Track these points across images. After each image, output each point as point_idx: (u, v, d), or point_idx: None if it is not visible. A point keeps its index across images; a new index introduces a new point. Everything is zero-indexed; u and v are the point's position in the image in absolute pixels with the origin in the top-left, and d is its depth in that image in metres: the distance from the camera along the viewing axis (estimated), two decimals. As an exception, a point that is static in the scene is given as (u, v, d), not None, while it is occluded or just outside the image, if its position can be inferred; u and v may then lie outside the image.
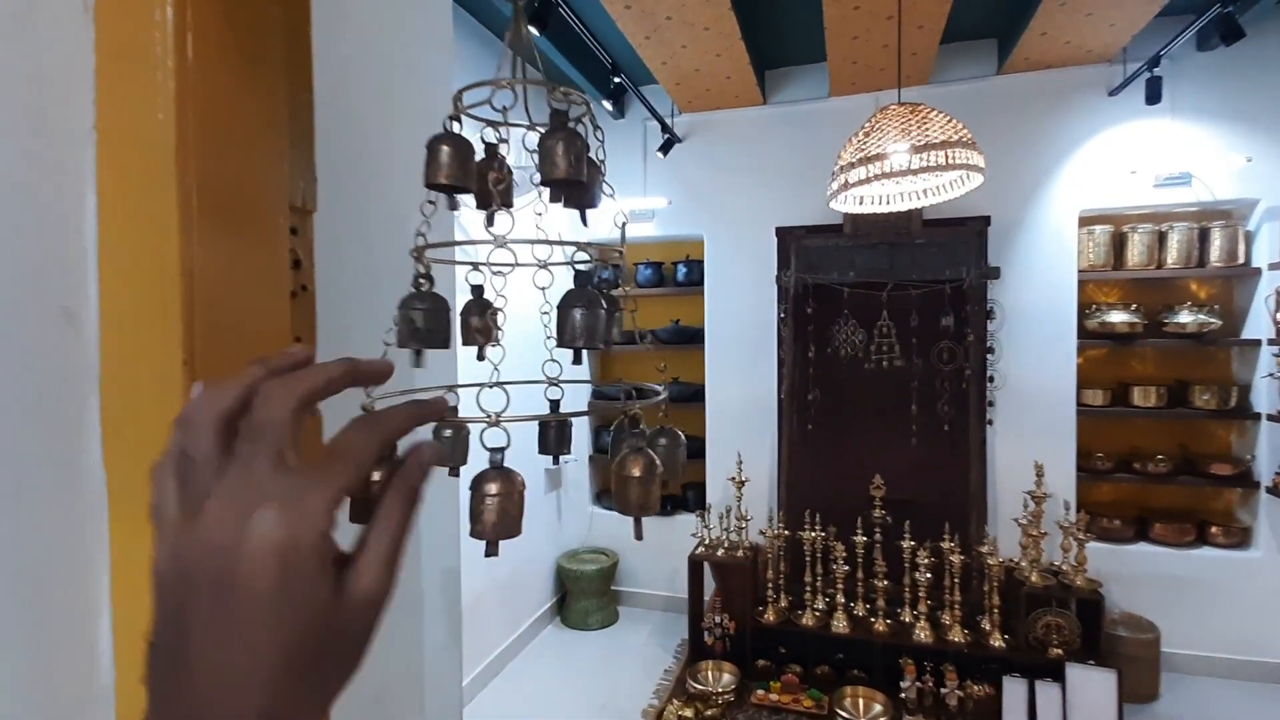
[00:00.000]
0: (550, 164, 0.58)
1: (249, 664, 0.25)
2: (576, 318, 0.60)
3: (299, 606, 0.26)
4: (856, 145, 2.09)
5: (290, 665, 0.26)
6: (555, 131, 0.58)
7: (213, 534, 0.26)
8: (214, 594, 0.25)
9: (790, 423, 3.47)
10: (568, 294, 0.61)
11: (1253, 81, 3.10)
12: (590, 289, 0.62)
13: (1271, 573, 3.13)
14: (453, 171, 0.55)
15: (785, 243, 3.56)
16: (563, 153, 0.58)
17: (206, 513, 0.26)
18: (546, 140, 0.58)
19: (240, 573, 0.25)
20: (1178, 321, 3.24)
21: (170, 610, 0.26)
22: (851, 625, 2.97)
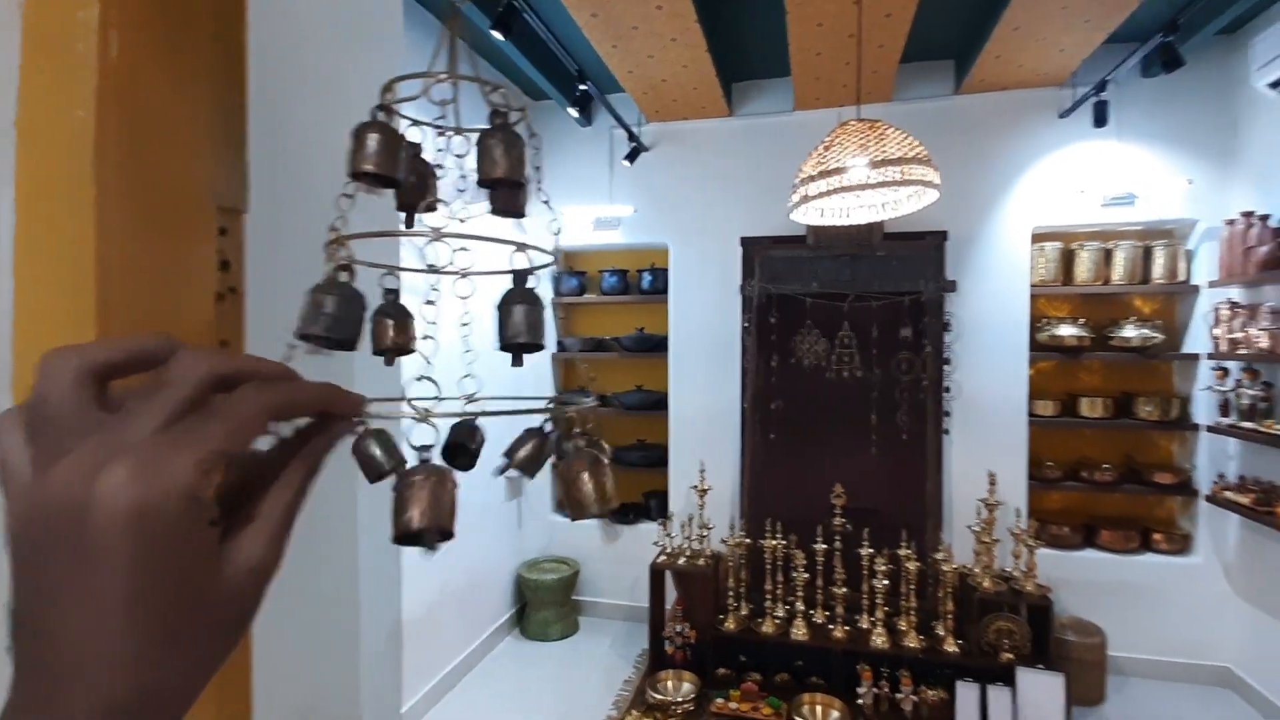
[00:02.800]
0: (489, 163, 0.57)
1: (112, 634, 0.23)
2: (518, 315, 0.59)
3: (162, 574, 0.24)
4: (817, 159, 2.13)
5: (159, 636, 0.24)
6: (495, 131, 0.58)
7: (58, 493, 0.23)
8: (69, 560, 0.23)
9: (753, 431, 3.51)
10: (509, 292, 0.60)
11: (1192, 108, 3.25)
12: (531, 289, 0.62)
13: (1210, 578, 3.25)
14: (380, 160, 0.54)
15: (750, 253, 3.60)
16: (503, 153, 0.57)
17: (56, 470, 0.24)
18: (486, 139, 0.57)
19: (92, 537, 0.23)
20: (1123, 336, 3.37)
21: (26, 576, 0.24)
22: (811, 632, 3.00)
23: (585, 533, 3.93)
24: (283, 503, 0.28)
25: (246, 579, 0.27)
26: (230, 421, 0.26)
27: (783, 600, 3.12)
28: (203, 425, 0.26)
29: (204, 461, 0.25)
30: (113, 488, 0.23)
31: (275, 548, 0.28)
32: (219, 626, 0.27)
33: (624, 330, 3.97)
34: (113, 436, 0.24)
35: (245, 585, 0.27)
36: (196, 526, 0.25)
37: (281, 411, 0.29)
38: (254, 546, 0.27)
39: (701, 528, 3.24)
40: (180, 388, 0.26)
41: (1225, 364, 3.11)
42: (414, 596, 2.85)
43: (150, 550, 0.24)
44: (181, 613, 0.25)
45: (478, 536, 3.37)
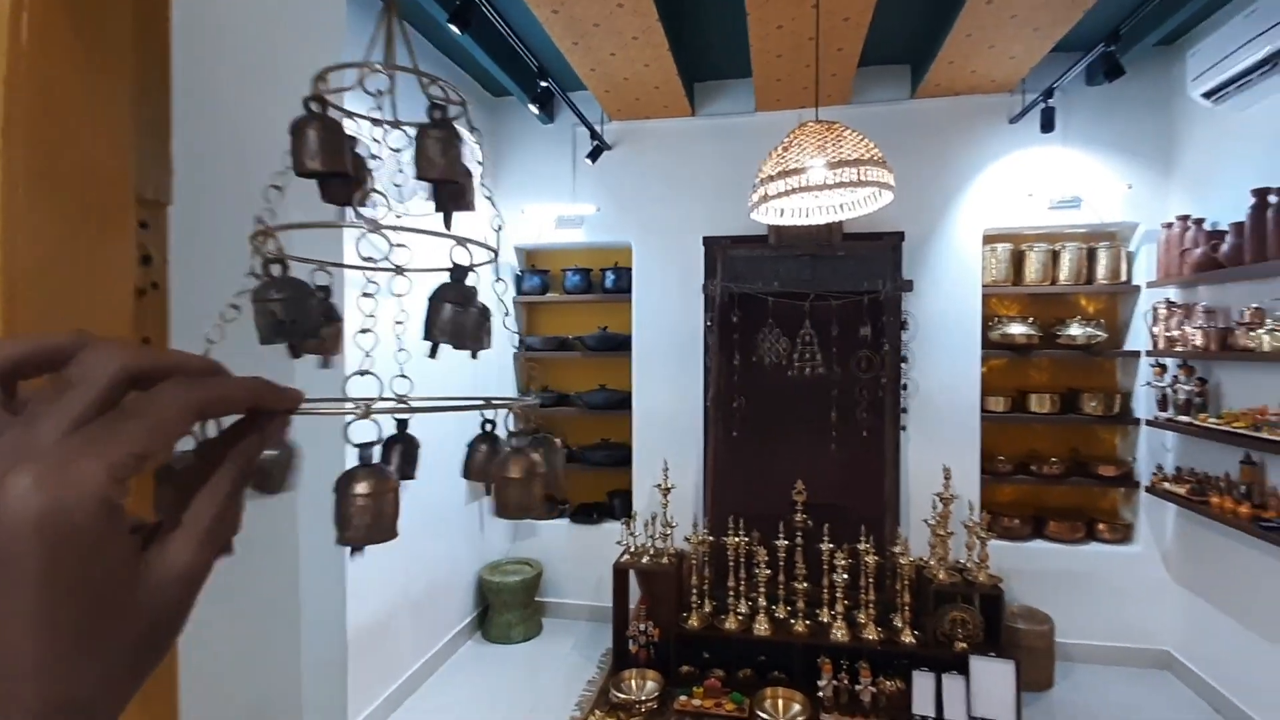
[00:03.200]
0: (426, 162, 0.56)
1: (27, 645, 0.22)
2: (446, 313, 0.58)
3: (76, 584, 0.23)
4: (776, 159, 2.15)
5: (74, 648, 0.23)
6: (433, 127, 0.56)
7: None
8: None
9: (716, 430, 3.53)
10: (441, 287, 0.59)
11: (1133, 116, 3.39)
12: (467, 286, 0.60)
13: (1150, 565, 3.40)
14: (325, 157, 0.52)
15: (712, 252, 3.63)
16: (440, 151, 0.56)
17: None
18: (424, 136, 0.56)
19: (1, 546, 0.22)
20: (1069, 334, 3.50)
21: None
22: (773, 628, 3.03)
23: (549, 533, 3.91)
24: (210, 507, 0.27)
25: (172, 588, 0.26)
26: (148, 421, 0.25)
27: (745, 596, 3.15)
28: (117, 426, 0.24)
29: (117, 466, 0.24)
30: (18, 496, 0.22)
31: (203, 555, 0.27)
32: (143, 637, 0.25)
33: (587, 329, 3.95)
34: (17, 441, 0.23)
35: (171, 594, 0.26)
36: (111, 534, 0.24)
37: (208, 409, 0.27)
38: (180, 553, 0.26)
39: (665, 526, 3.25)
40: (90, 387, 0.25)
41: (1163, 361, 3.25)
42: (371, 602, 2.79)
43: (61, 560, 0.23)
44: (99, 623, 0.24)
45: (438, 540, 3.32)
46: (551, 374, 4.20)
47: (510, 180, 3.93)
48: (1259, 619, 2.76)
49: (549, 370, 4.21)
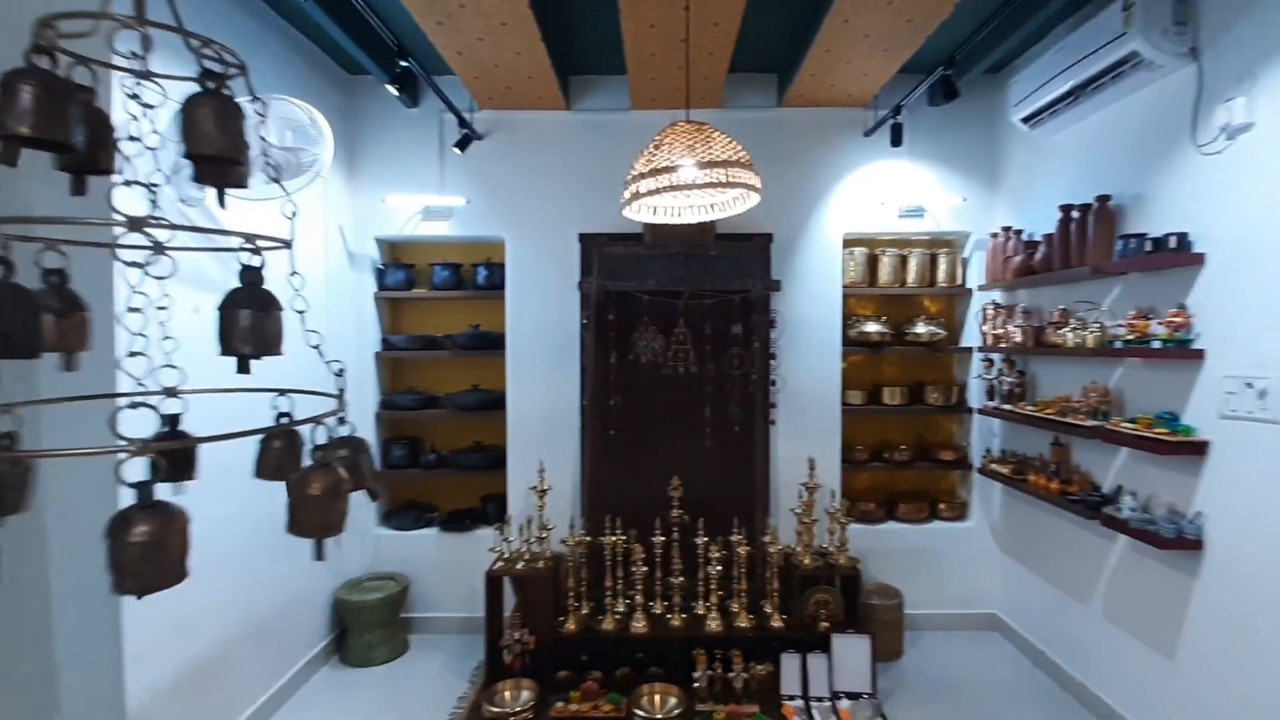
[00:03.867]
0: (198, 136, 0.46)
1: None
2: (243, 320, 0.49)
3: None
4: (648, 157, 2.14)
5: None
6: (205, 98, 0.46)
7: None
8: None
9: (593, 429, 3.50)
10: (233, 293, 0.49)
11: (966, 135, 3.76)
12: (262, 289, 0.51)
13: (981, 538, 3.80)
14: (41, 121, 0.41)
15: (588, 249, 3.58)
16: (216, 125, 0.46)
17: None
18: (195, 107, 0.46)
19: None
20: (916, 332, 3.82)
21: None
22: (650, 624, 3.05)
23: (416, 545, 3.68)
24: None
25: None
26: None
27: (623, 595, 3.14)
28: None
29: None
30: None
31: None
32: None
33: (458, 327, 3.77)
34: None
35: None
36: None
37: None
38: None
39: (541, 529, 3.17)
40: None
41: (991, 356, 3.63)
42: (205, 634, 2.48)
43: None
44: None
45: (286, 559, 3.01)
46: (419, 375, 3.96)
47: (369, 167, 3.65)
48: (1067, 580, 3.16)
49: (416, 371, 3.97)
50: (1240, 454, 2.24)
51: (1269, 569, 2.14)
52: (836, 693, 2.96)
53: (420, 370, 3.94)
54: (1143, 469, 2.68)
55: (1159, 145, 2.61)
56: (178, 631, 2.35)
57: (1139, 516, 2.56)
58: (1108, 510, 2.69)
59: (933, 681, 3.24)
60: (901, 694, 3.12)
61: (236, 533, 2.59)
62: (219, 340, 0.46)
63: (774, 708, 2.86)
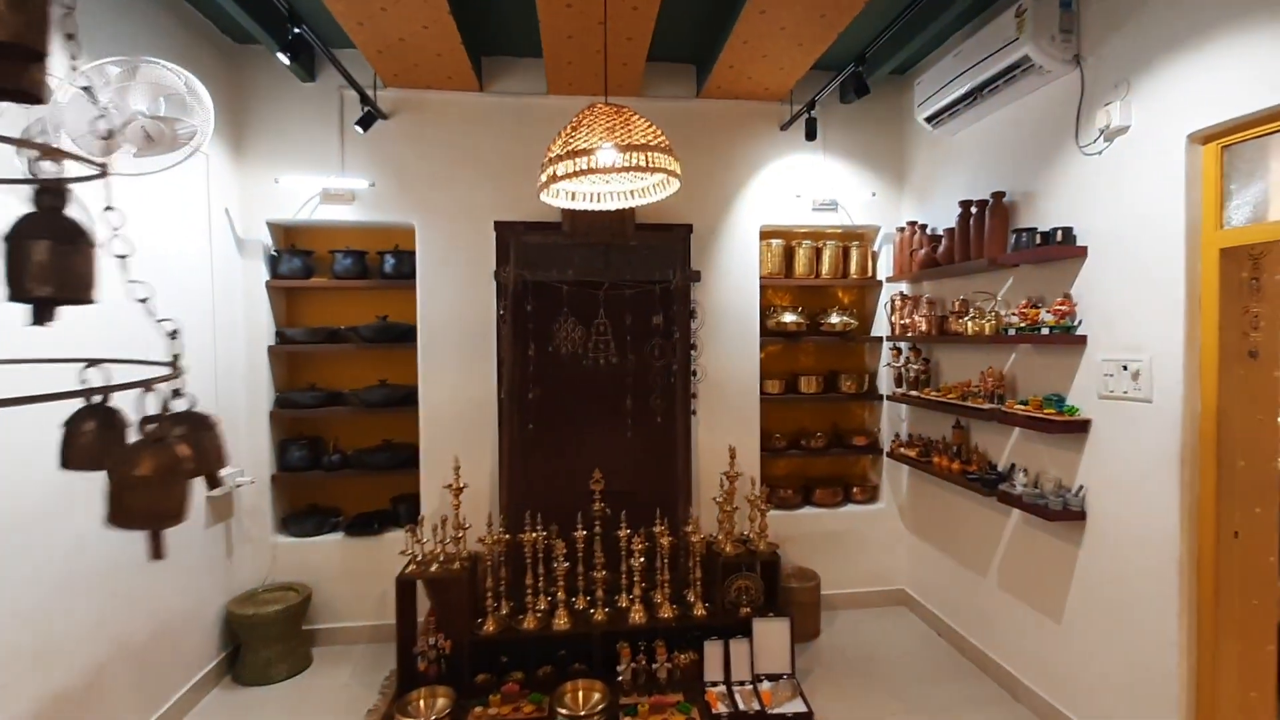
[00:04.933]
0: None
1: None
2: (40, 254, 0.39)
3: None
4: (565, 139, 2.06)
5: None
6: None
7: None
8: None
9: (511, 423, 3.38)
10: (26, 220, 0.39)
11: (876, 133, 3.89)
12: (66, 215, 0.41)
13: (891, 519, 3.98)
14: None
15: (504, 238, 3.45)
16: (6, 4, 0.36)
17: None
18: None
19: None
20: (830, 322, 3.93)
21: None
22: (572, 620, 2.99)
23: (319, 551, 3.43)
24: None
25: None
26: None
27: (545, 592, 3.06)
28: None
29: None
30: None
31: None
32: None
33: (363, 319, 3.54)
34: None
35: None
36: None
37: None
38: None
39: (457, 529, 3.03)
40: None
41: (899, 344, 3.79)
42: (72, 663, 2.20)
43: None
44: None
45: (167, 574, 2.73)
46: (320, 370, 3.69)
47: (260, 145, 3.36)
48: (968, 555, 3.35)
49: (317, 366, 3.70)
50: (1116, 431, 2.43)
51: (1139, 535, 2.33)
52: (758, 675, 3.01)
53: (322, 365, 3.67)
54: (1034, 447, 2.86)
55: (1047, 145, 2.79)
56: (35, 664, 2.07)
57: (1030, 492, 2.74)
58: (1003, 487, 2.86)
59: (847, 657, 3.36)
60: (819, 672, 3.21)
61: (103, 547, 2.31)
62: (6, 281, 0.35)
63: (698, 695, 2.87)
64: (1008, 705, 2.94)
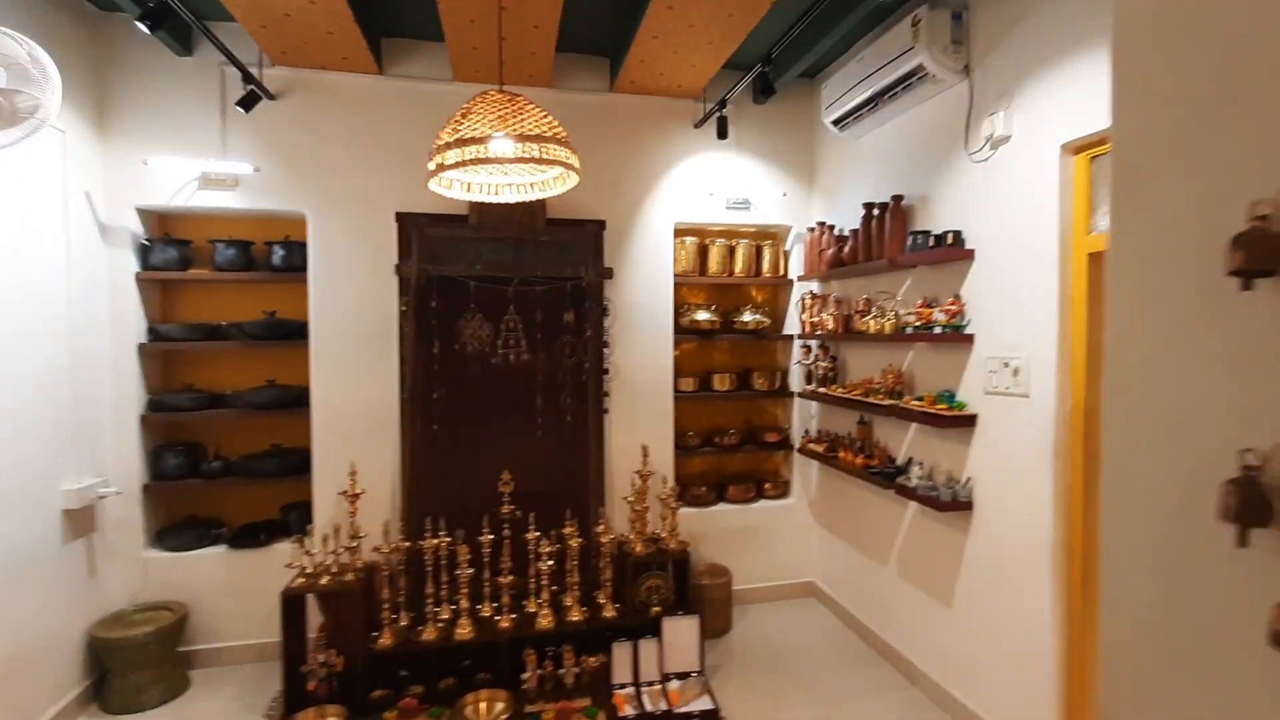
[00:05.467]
0: None
1: None
2: None
3: None
4: (453, 126, 1.96)
5: None
6: None
7: None
8: None
9: (413, 424, 3.23)
10: None
11: (787, 134, 3.96)
12: None
13: (801, 514, 4.06)
14: None
15: (407, 230, 3.29)
16: None
17: None
18: None
19: None
20: (743, 320, 3.97)
21: None
22: (477, 628, 2.88)
23: (198, 566, 3.15)
24: None
25: None
26: None
27: (448, 601, 2.94)
28: None
29: None
30: None
31: None
32: None
33: (249, 314, 3.29)
34: None
35: None
36: None
37: None
38: None
39: (351, 538, 2.86)
40: None
41: (809, 342, 3.88)
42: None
43: None
44: None
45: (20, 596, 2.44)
46: (199, 370, 3.39)
47: (127, 123, 3.05)
48: (871, 546, 3.46)
49: (195, 365, 3.39)
50: (999, 424, 2.56)
51: (1018, 523, 2.46)
52: (667, 675, 3.00)
53: (201, 364, 3.38)
54: (929, 441, 2.98)
55: (941, 151, 2.90)
56: None
57: (924, 484, 2.85)
58: (900, 480, 2.96)
59: (757, 651, 3.40)
60: (728, 668, 3.24)
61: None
62: None
63: (605, 698, 2.83)
64: (904, 690, 3.05)
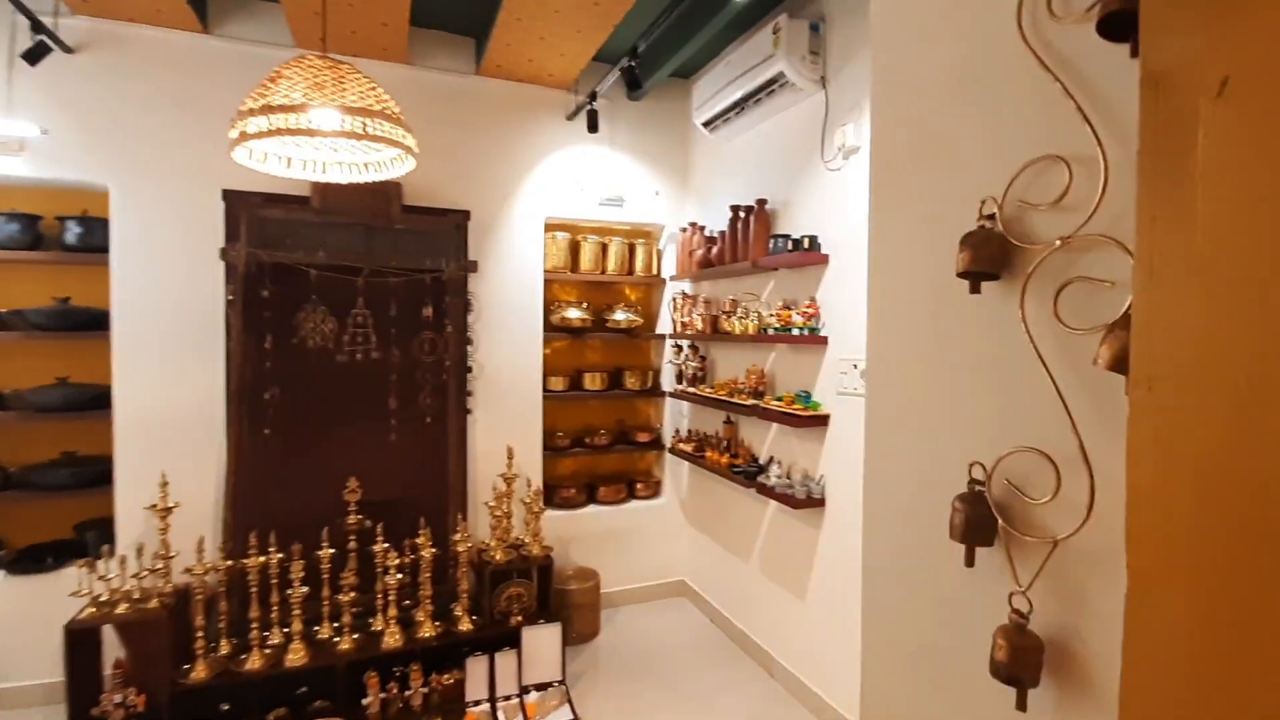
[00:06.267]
0: None
1: None
2: None
3: None
4: (259, 91, 1.73)
5: None
6: None
7: None
8: None
9: (242, 428, 2.90)
10: None
11: (662, 132, 3.94)
12: None
13: (673, 513, 4.07)
14: None
15: (236, 210, 2.94)
16: None
17: None
18: None
19: None
20: (616, 319, 3.92)
21: None
22: (312, 653, 2.62)
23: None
24: None
25: None
26: None
27: (279, 624, 2.66)
28: None
29: None
30: None
31: None
32: None
33: (35, 300, 2.81)
34: None
35: None
36: None
37: None
38: None
39: (159, 558, 2.51)
40: None
41: (680, 342, 3.88)
42: None
43: None
44: None
45: None
46: (-20, 364, 2.88)
47: None
48: (735, 543, 3.52)
49: (-25, 359, 2.88)
50: (849, 423, 2.65)
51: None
52: (526, 687, 2.88)
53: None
54: (788, 440, 3.05)
55: (801, 158, 2.97)
56: None
57: (783, 482, 2.91)
58: (761, 479, 3.02)
59: (623, 655, 3.36)
60: (593, 674, 3.17)
61: None
62: None
63: (458, 717, 2.66)
64: (764, 683, 3.12)
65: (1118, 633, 0.52)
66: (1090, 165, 0.58)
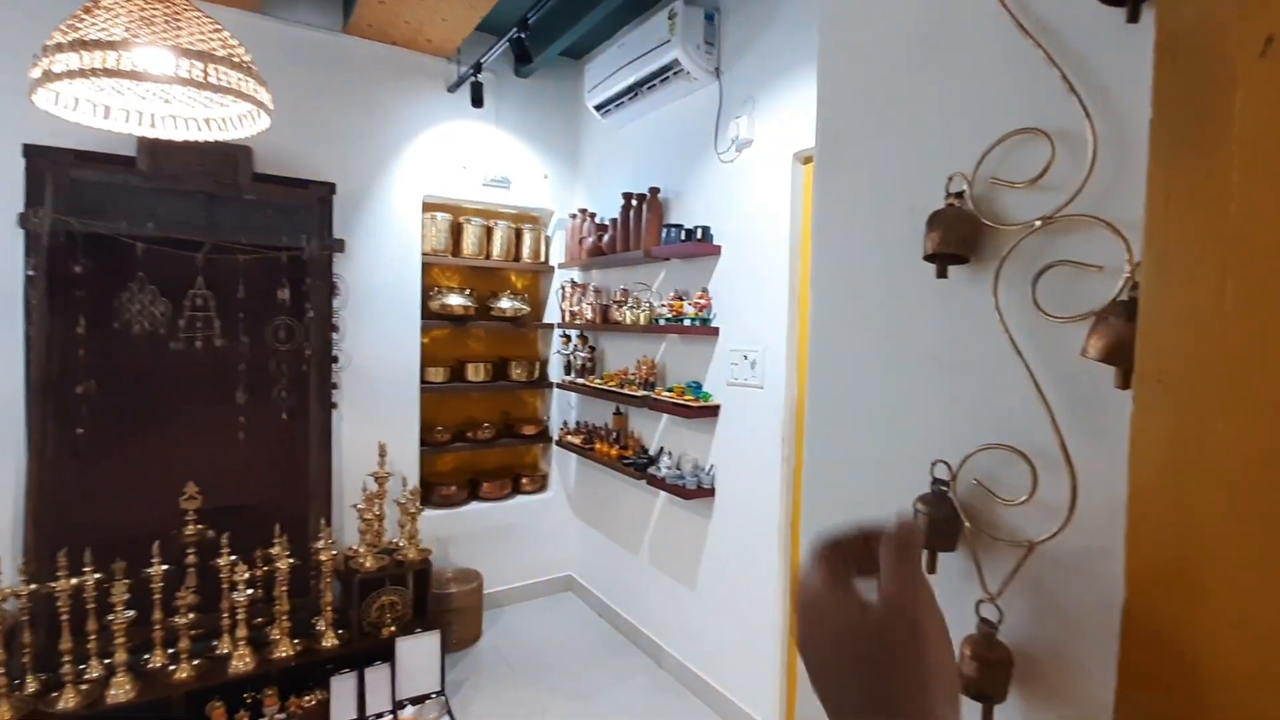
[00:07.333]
0: None
1: None
2: None
3: None
4: (71, 24, 1.41)
5: None
6: None
7: None
8: None
9: (45, 429, 2.42)
10: None
11: (552, 113, 3.79)
12: None
13: (560, 507, 3.97)
14: None
15: (40, 169, 2.45)
16: None
17: None
18: None
19: None
20: (501, 307, 3.73)
21: None
22: (141, 685, 2.26)
23: None
24: None
25: None
26: None
27: (98, 655, 2.26)
28: None
29: None
30: None
31: None
32: None
33: None
34: None
35: None
36: None
37: None
38: None
39: (-73, 590, 2.04)
40: None
41: (569, 332, 3.77)
42: None
43: None
44: None
45: None
46: None
47: None
48: (625, 536, 3.48)
49: None
50: (739, 414, 2.68)
51: (752, 506, 2.60)
52: (401, 701, 2.67)
53: None
54: (679, 431, 3.05)
55: (694, 148, 2.96)
56: None
57: (673, 473, 2.91)
58: (651, 470, 2.99)
59: (509, 657, 3.22)
60: (475, 680, 3.01)
61: None
62: None
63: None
64: (652, 673, 3.11)
65: (1100, 644, 0.50)
66: (1075, 140, 0.55)
